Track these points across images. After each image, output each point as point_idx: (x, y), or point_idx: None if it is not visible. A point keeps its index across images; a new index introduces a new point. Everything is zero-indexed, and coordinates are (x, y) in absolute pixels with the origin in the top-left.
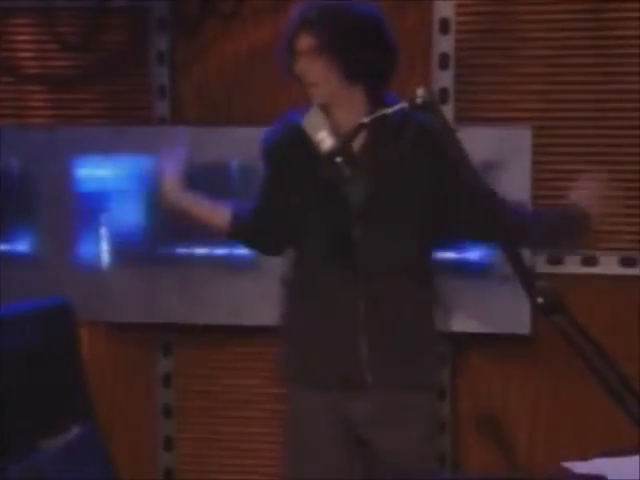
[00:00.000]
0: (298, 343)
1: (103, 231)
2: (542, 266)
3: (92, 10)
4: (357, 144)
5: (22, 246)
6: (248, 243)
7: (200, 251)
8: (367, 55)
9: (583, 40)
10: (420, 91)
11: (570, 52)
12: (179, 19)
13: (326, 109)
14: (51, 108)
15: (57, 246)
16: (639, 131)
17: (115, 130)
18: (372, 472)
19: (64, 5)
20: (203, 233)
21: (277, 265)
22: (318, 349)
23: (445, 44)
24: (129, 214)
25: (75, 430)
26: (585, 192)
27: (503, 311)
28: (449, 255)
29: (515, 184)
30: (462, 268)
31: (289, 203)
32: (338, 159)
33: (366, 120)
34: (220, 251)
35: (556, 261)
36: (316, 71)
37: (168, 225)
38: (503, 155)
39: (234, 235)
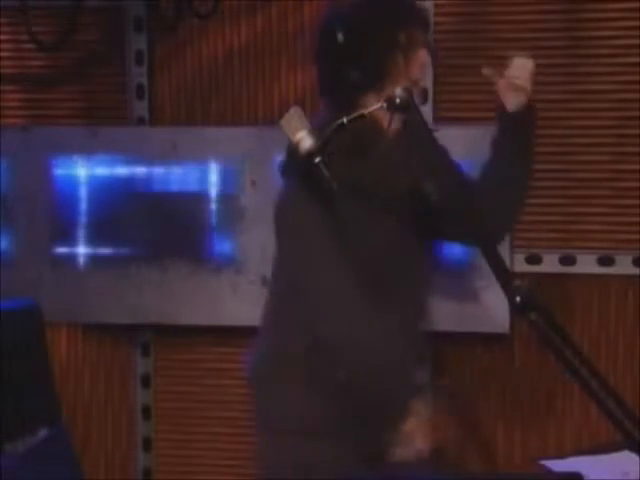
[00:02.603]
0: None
1: (80, 231)
2: (520, 265)
3: (68, 9)
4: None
5: None
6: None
7: (177, 252)
8: None
9: (558, 41)
10: (398, 91)
11: (545, 53)
12: (156, 18)
13: None
14: (27, 108)
15: (33, 246)
16: (611, 131)
17: (91, 130)
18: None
19: (39, 4)
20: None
21: (255, 264)
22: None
23: None
24: (106, 214)
25: (42, 432)
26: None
27: (482, 310)
28: None
29: None
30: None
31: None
32: (317, 159)
33: (345, 120)
34: (197, 251)
35: (534, 260)
36: None
37: (145, 225)
38: (482, 155)
39: None
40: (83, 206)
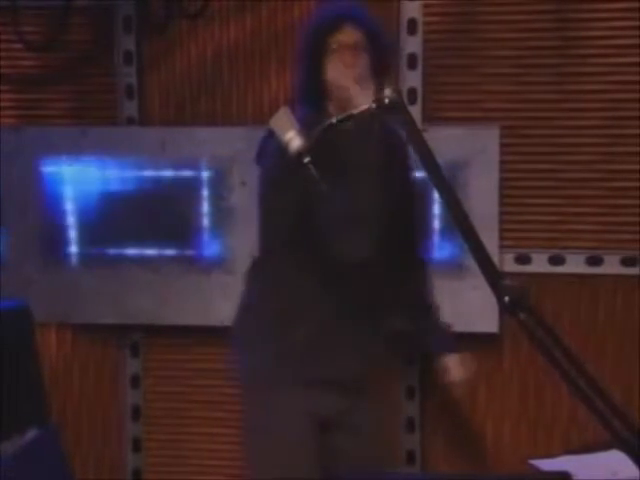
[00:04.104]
0: (304, 346)
1: (70, 232)
2: (509, 265)
3: (57, 9)
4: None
5: None
6: None
7: (167, 252)
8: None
9: (547, 41)
10: (387, 91)
11: (535, 53)
12: (145, 19)
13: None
14: (17, 108)
15: (24, 247)
16: (602, 131)
17: (82, 130)
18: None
19: (29, 4)
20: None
21: (245, 265)
22: (329, 349)
23: (413, 44)
24: (96, 214)
25: (32, 433)
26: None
27: (471, 310)
28: None
29: (483, 183)
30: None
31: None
32: (306, 159)
33: (334, 120)
34: (187, 252)
35: (523, 260)
36: (363, 67)
37: (135, 226)
38: (471, 155)
39: None
40: (73, 206)
